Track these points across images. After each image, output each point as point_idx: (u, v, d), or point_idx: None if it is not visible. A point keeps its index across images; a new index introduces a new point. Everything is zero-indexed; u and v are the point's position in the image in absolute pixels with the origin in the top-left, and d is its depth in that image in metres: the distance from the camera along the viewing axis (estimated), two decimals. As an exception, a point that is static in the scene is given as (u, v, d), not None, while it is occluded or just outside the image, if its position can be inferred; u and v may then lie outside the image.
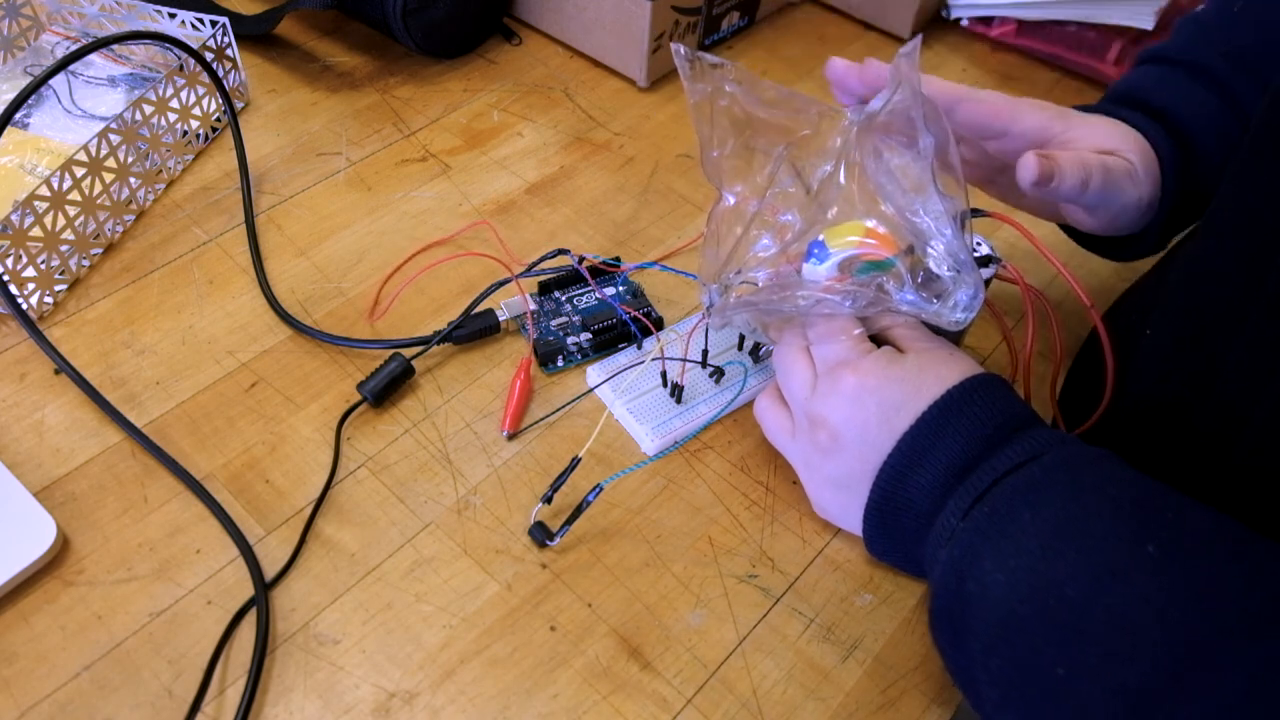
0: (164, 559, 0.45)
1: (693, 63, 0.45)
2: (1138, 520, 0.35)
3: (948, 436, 0.41)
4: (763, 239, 0.47)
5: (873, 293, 0.43)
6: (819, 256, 0.45)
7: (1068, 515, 0.36)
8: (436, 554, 0.46)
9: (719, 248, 0.47)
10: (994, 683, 0.36)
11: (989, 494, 0.39)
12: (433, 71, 0.73)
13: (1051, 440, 0.40)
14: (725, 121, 0.47)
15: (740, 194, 0.48)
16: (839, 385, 0.44)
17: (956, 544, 0.39)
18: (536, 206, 0.64)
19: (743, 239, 0.47)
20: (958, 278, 0.43)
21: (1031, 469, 0.38)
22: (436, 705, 0.42)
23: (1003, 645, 0.36)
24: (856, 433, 0.43)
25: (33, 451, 0.49)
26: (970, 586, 0.37)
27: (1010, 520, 0.37)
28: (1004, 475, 0.39)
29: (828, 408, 0.44)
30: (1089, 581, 0.34)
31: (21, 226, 0.52)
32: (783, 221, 0.47)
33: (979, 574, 0.37)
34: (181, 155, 0.63)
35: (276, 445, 0.50)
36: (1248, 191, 0.38)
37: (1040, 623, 0.35)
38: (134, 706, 0.41)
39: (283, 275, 0.58)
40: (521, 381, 0.52)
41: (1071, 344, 0.55)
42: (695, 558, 0.47)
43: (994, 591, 0.36)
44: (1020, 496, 0.38)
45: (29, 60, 0.69)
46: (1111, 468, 0.39)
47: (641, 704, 0.42)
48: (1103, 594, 0.34)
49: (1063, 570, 0.35)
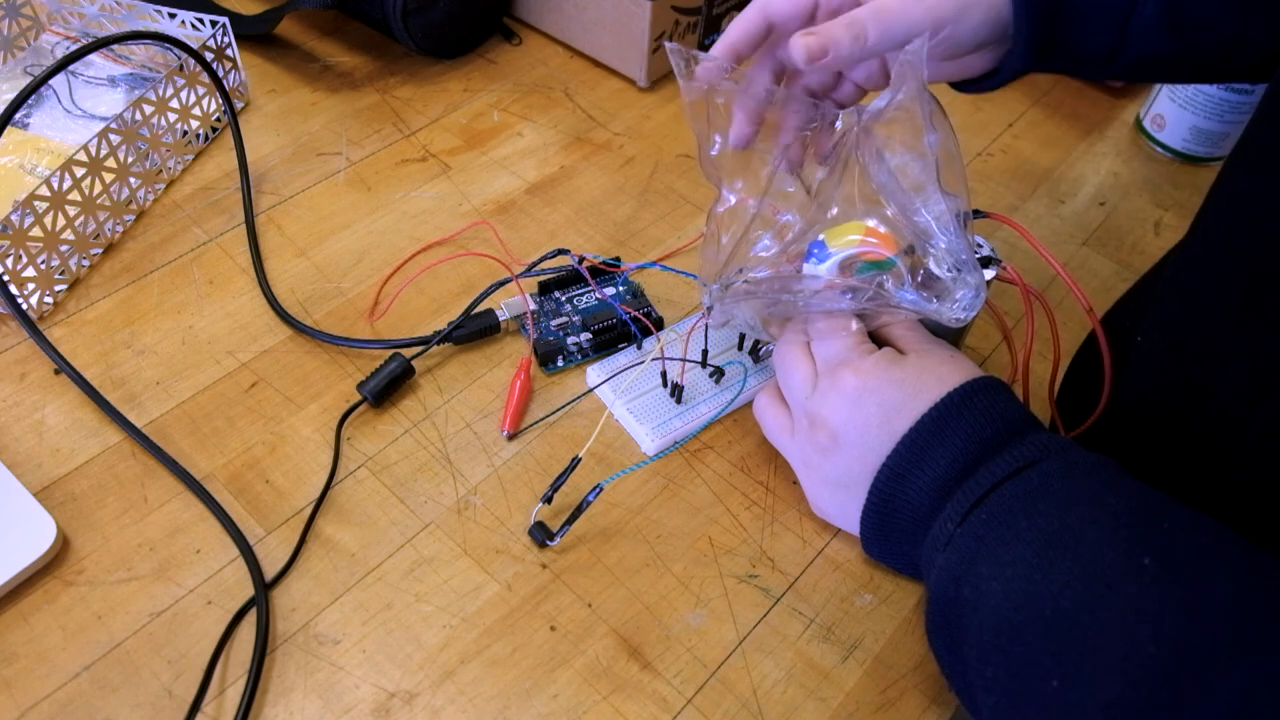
0: (164, 559, 0.45)
1: (688, 61, 0.45)
2: (1134, 531, 0.35)
3: (947, 439, 0.41)
4: (763, 239, 0.47)
5: (873, 289, 0.43)
6: (819, 256, 0.45)
7: (1064, 524, 0.36)
8: (436, 554, 0.46)
9: (719, 247, 0.47)
10: (989, 689, 0.36)
11: (987, 499, 0.38)
12: (433, 71, 0.73)
13: (1050, 446, 0.40)
14: (723, 120, 0.47)
15: (740, 192, 0.48)
16: (840, 385, 0.44)
17: (953, 549, 0.38)
18: (536, 206, 0.64)
19: (743, 239, 0.47)
20: (959, 277, 0.43)
21: (1029, 475, 0.38)
22: (436, 705, 0.42)
23: (997, 654, 0.36)
24: (856, 433, 0.43)
25: (33, 451, 0.49)
26: (966, 593, 0.37)
27: (1007, 526, 0.37)
28: (1002, 480, 0.38)
29: (828, 408, 0.44)
30: (1083, 592, 0.34)
31: (21, 226, 0.52)
32: (783, 221, 0.47)
33: (975, 580, 0.37)
34: (181, 155, 0.63)
35: (276, 445, 0.50)
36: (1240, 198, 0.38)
37: (1034, 633, 0.34)
38: (134, 706, 0.41)
39: (283, 275, 0.58)
40: (521, 381, 0.52)
41: (1070, 346, 0.55)
42: (695, 558, 0.47)
43: (989, 599, 0.36)
44: (1018, 503, 0.38)
45: (29, 60, 0.69)
46: (1110, 475, 0.38)
47: (641, 704, 0.42)
48: (1097, 605, 0.33)
49: (1058, 580, 0.35)
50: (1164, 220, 0.67)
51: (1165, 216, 0.67)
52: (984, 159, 0.70)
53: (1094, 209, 0.67)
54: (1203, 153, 0.70)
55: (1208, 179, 0.70)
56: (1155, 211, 0.67)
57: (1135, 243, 0.65)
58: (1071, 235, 0.65)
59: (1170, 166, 0.71)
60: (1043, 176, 0.69)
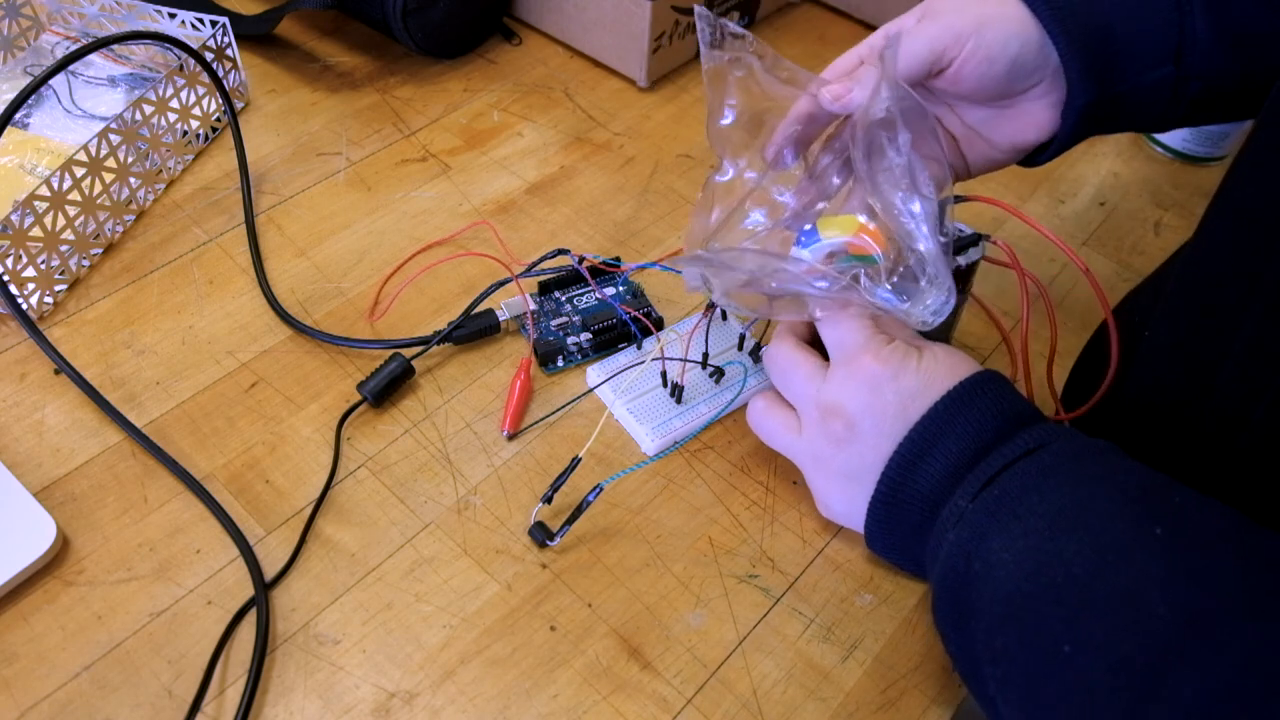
0: (164, 559, 0.45)
1: (714, 29, 0.45)
2: (1144, 505, 0.36)
3: (959, 425, 0.41)
4: (755, 214, 0.47)
5: (848, 280, 0.43)
6: (807, 242, 0.45)
7: (1076, 499, 0.37)
8: (436, 554, 0.46)
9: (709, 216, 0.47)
10: (996, 661, 0.37)
11: (998, 478, 0.39)
12: (433, 71, 0.73)
13: (1058, 432, 0.41)
14: (739, 93, 0.47)
15: (741, 167, 0.47)
16: (858, 371, 0.43)
17: (964, 525, 0.39)
18: (536, 206, 0.64)
19: (736, 211, 0.46)
20: (934, 280, 0.43)
21: (1041, 455, 0.39)
22: (436, 705, 0.42)
23: (1008, 623, 0.36)
24: (873, 421, 0.43)
25: (33, 451, 0.49)
26: (977, 566, 0.38)
27: (1019, 502, 0.38)
28: (1013, 461, 0.39)
29: (845, 394, 0.43)
30: (1095, 559, 0.35)
31: (21, 226, 0.52)
32: (779, 200, 0.47)
33: (985, 554, 0.38)
34: (181, 155, 0.63)
35: (276, 445, 0.50)
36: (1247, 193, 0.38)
37: (1046, 600, 0.35)
38: (134, 706, 0.41)
39: (283, 275, 0.58)
40: (521, 381, 0.52)
41: (1067, 335, 0.55)
42: (695, 558, 0.47)
43: (1000, 571, 0.37)
44: (1030, 480, 0.39)
45: (29, 60, 0.69)
46: (1117, 458, 0.39)
47: (641, 704, 0.42)
48: (1108, 571, 0.34)
49: (1070, 549, 0.35)
50: (1164, 220, 0.67)
51: (1165, 216, 0.67)
52: (984, 159, 0.70)
53: (1094, 209, 0.67)
54: (1203, 153, 0.70)
55: (1208, 179, 0.70)
56: (1155, 211, 0.67)
57: (1135, 243, 0.65)
58: (1071, 235, 0.65)
59: (1170, 166, 0.71)
60: (1043, 176, 0.69)
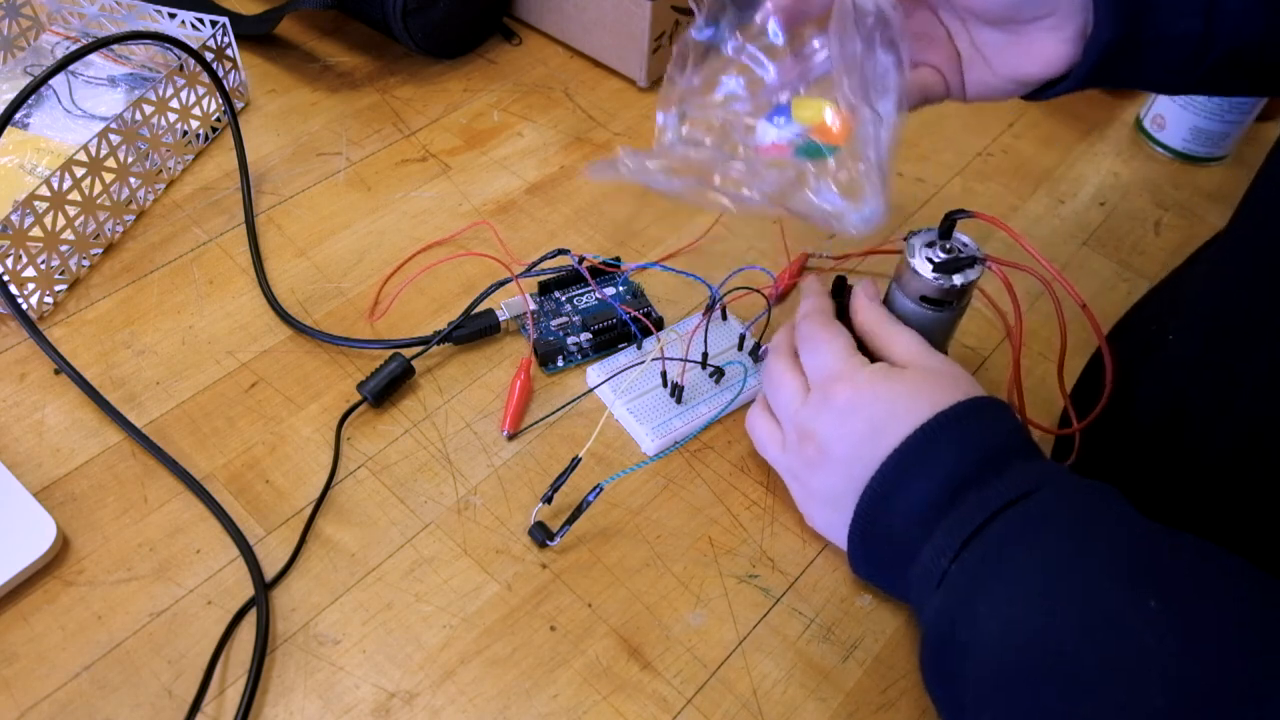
0: (164, 559, 0.45)
1: None
2: (1139, 566, 0.34)
3: (931, 463, 0.39)
4: (733, 79, 0.45)
5: (791, 177, 0.41)
6: (776, 121, 0.44)
7: (1065, 561, 0.35)
8: (436, 554, 0.46)
9: (683, 77, 0.45)
10: None
11: (981, 533, 0.37)
12: (433, 71, 0.73)
13: (1045, 474, 0.38)
14: None
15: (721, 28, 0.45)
16: (831, 399, 0.42)
17: (948, 589, 0.37)
18: (536, 206, 0.64)
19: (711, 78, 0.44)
20: (873, 190, 0.41)
21: (1026, 506, 0.37)
22: (436, 705, 0.42)
23: (997, 695, 0.34)
24: (844, 449, 0.42)
25: (33, 451, 0.49)
26: (963, 635, 0.36)
27: (1005, 562, 0.36)
28: (997, 512, 0.37)
29: (818, 421, 0.43)
30: (1088, 633, 0.33)
31: (21, 226, 0.52)
32: (758, 74, 0.45)
33: (972, 620, 0.36)
34: (181, 155, 0.63)
35: (276, 445, 0.50)
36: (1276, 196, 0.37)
37: (1036, 674, 0.33)
38: (134, 706, 0.41)
39: (283, 275, 0.58)
40: (521, 381, 0.52)
41: (1078, 330, 0.54)
42: (695, 558, 0.47)
43: (988, 641, 0.35)
44: (1015, 537, 0.36)
45: (29, 60, 0.69)
46: (1109, 503, 0.37)
47: (641, 704, 0.42)
48: (1100, 647, 0.32)
49: (1061, 619, 0.33)
50: (1164, 220, 0.67)
51: (1165, 216, 0.67)
52: (984, 159, 0.70)
53: (1094, 209, 0.67)
54: (1203, 153, 0.70)
55: (1208, 179, 0.70)
56: (1155, 211, 0.67)
57: (1135, 243, 0.65)
58: (1071, 235, 0.65)
59: (1170, 166, 0.71)
60: (1043, 176, 0.69)
